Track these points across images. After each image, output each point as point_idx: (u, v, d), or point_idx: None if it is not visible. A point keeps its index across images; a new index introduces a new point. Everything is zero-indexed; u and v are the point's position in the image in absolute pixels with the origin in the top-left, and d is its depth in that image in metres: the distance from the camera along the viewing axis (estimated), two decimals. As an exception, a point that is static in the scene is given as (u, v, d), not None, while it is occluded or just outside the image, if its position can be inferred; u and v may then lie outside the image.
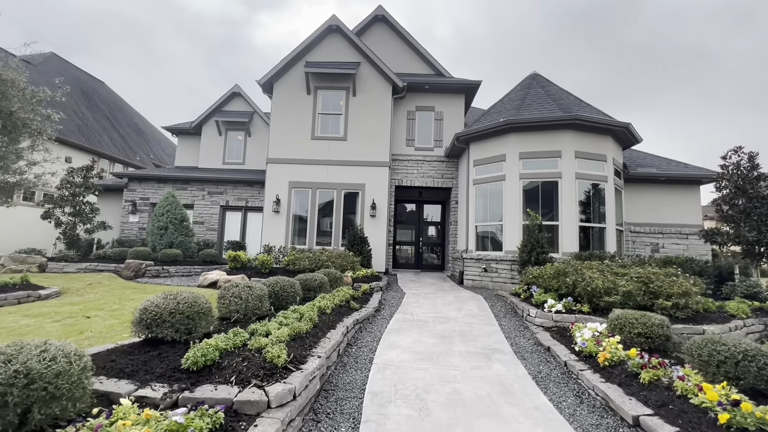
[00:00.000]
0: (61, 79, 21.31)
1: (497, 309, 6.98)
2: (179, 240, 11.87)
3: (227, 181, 14.73)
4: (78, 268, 10.56)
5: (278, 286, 5.32)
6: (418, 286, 9.59)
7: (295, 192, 12.53)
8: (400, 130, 13.32)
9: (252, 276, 8.64)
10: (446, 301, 7.62)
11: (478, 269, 10.13)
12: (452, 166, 13.06)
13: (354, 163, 12.47)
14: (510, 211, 9.70)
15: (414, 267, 14.09)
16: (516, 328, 5.68)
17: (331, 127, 12.86)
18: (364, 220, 12.20)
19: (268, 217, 12.44)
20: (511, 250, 9.45)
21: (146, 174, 15.05)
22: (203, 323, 3.46)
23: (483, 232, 10.56)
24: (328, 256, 9.04)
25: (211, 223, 14.63)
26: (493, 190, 10.29)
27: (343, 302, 6.10)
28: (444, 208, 14.32)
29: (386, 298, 7.71)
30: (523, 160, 9.79)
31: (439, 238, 14.39)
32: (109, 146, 20.89)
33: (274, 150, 12.72)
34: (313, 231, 12.27)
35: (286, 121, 12.80)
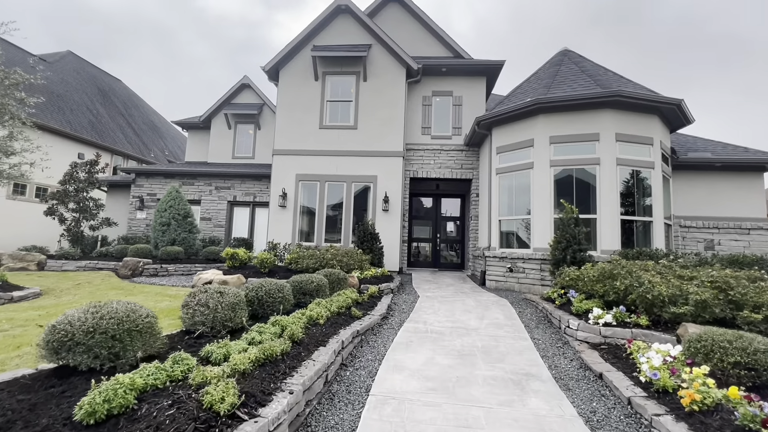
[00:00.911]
0: (76, 76, 21.44)
1: (527, 317, 5.90)
2: (182, 237, 11.28)
3: (235, 175, 14.10)
4: (77, 267, 10.10)
5: (262, 291, 4.45)
6: (434, 288, 8.58)
7: (302, 185, 11.72)
8: (415, 117, 12.27)
9: (250, 276, 7.86)
10: (466, 306, 6.59)
11: (502, 269, 9.02)
12: (472, 155, 11.93)
13: (365, 153, 11.54)
14: (539, 203, 8.53)
15: (431, 266, 13.06)
16: (553, 344, 4.61)
17: (340, 116, 11.96)
18: (375, 215, 11.26)
19: (274, 213, 11.68)
20: (541, 247, 8.30)
21: (153, 169, 14.61)
22: (139, 344, 2.60)
23: (508, 228, 9.42)
24: (333, 254, 8.16)
25: (219, 219, 14.05)
26: (520, 180, 9.13)
27: (343, 309, 5.18)
28: (463, 202, 13.21)
29: (397, 303, 6.75)
30: (554, 145, 8.59)
31: (458, 235, 13.29)
32: (122, 143, 20.77)
33: (280, 141, 11.94)
34: (321, 227, 11.43)
35: (292, 109, 11.99)
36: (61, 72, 20.18)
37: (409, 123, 12.18)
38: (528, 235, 8.81)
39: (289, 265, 8.32)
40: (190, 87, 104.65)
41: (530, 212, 8.71)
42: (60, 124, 16.84)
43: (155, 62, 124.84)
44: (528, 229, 8.82)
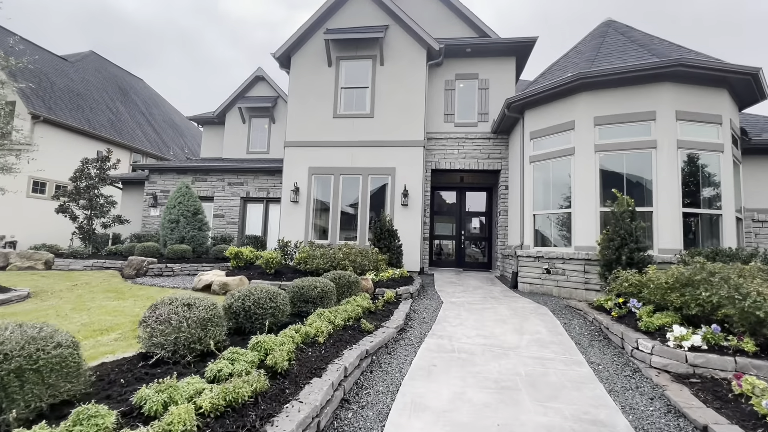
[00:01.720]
0: (97, 75, 21.57)
1: (576, 331, 4.84)
2: (191, 234, 10.75)
3: (247, 170, 13.53)
4: (84, 266, 9.73)
5: (250, 300, 3.63)
6: (459, 291, 7.59)
7: (315, 179, 10.95)
8: (437, 104, 11.25)
9: (255, 277, 7.13)
10: (499, 315, 5.58)
11: (537, 270, 7.91)
12: (501, 143, 10.79)
13: (382, 143, 10.63)
14: (582, 195, 7.37)
15: (454, 265, 12.03)
16: (619, 371, 3.56)
17: (355, 103, 11.09)
18: (394, 211, 10.34)
19: (285, 208, 10.98)
20: (585, 245, 7.16)
21: (166, 165, 14.25)
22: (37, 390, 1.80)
23: (543, 224, 8.29)
24: (346, 253, 7.30)
25: (232, 216, 13.53)
26: (557, 169, 7.98)
27: (352, 321, 4.31)
28: (490, 196, 12.08)
29: (417, 310, 5.82)
30: (599, 127, 7.39)
31: (484, 232, 12.19)
32: (141, 140, 20.74)
33: (292, 132, 11.21)
34: (335, 224, 10.62)
35: (304, 98, 11.23)
36: (82, 71, 20.32)
37: (430, 110, 11.17)
38: (568, 231, 7.66)
39: (297, 266, 7.54)
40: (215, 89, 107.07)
41: (571, 205, 7.56)
42: (79, 122, 16.83)
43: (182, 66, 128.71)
44: (568, 224, 7.68)
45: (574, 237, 7.41)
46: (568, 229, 7.68)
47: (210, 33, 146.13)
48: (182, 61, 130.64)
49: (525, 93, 8.31)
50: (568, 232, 7.65)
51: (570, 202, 7.63)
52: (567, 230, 7.71)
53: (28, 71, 16.13)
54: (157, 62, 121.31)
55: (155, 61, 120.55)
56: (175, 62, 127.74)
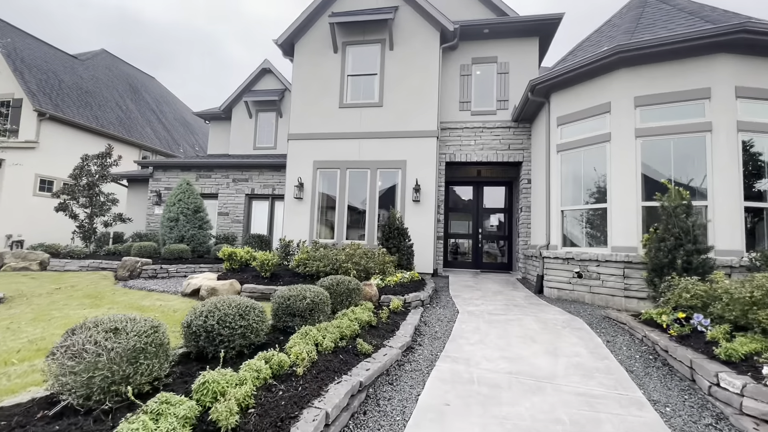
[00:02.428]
0: (107, 73, 21.46)
1: (623, 352, 3.92)
2: (191, 233, 10.20)
3: (252, 165, 12.93)
4: (80, 266, 9.28)
5: (214, 317, 2.88)
6: (477, 298, 6.71)
7: (320, 174, 10.22)
8: (452, 90, 10.34)
9: (248, 281, 6.44)
10: (526, 329, 4.70)
11: (566, 273, 6.96)
12: (523, 132, 9.81)
13: (392, 134, 9.80)
14: (620, 188, 6.38)
15: (471, 266, 11.12)
16: (696, 418, 2.66)
17: (363, 92, 10.30)
18: (405, 207, 9.52)
19: (289, 205, 10.29)
20: (624, 245, 6.18)
21: (170, 162, 13.80)
22: None
23: (573, 220, 7.32)
24: (349, 254, 6.52)
25: (236, 214, 12.96)
26: (590, 159, 7.00)
27: (346, 339, 3.52)
28: (510, 191, 11.11)
29: (428, 321, 5.00)
30: (640, 108, 6.38)
31: (503, 230, 11.22)
32: (151, 138, 20.51)
33: (296, 124, 10.51)
34: (342, 222, 9.87)
35: (309, 87, 10.50)
36: (92, 69, 20.20)
37: (444, 97, 10.28)
38: (603, 230, 6.68)
39: (296, 268, 6.81)
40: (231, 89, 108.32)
41: (607, 199, 6.57)
42: (87, 120, 16.61)
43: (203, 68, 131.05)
44: (602, 222, 6.69)
45: (611, 236, 6.43)
46: (602, 227, 6.70)
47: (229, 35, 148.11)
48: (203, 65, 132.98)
49: (552, 72, 7.34)
50: (603, 231, 6.66)
51: (605, 197, 6.64)
52: (601, 228, 6.72)
53: (35, 68, 16.01)
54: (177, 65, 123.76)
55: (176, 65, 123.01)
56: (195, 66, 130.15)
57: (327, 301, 4.01)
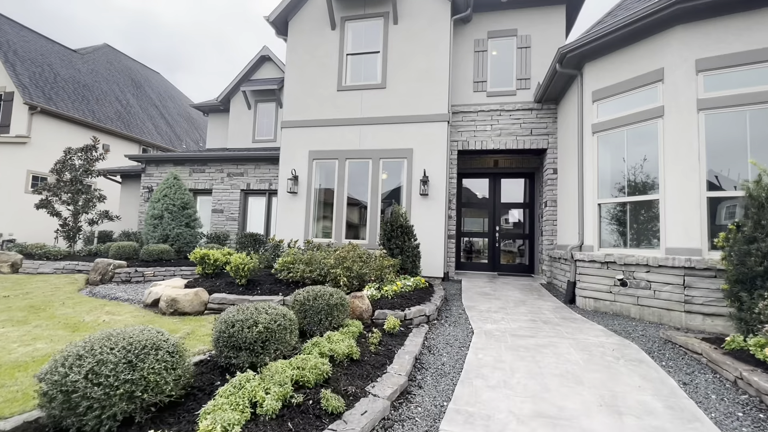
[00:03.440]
0: (108, 67, 20.89)
1: (716, 405, 2.70)
2: (176, 232, 9.28)
3: (248, 159, 11.96)
4: (55, 268, 8.45)
5: (82, 369, 1.80)
6: (496, 310, 5.52)
7: (317, 165, 9.15)
8: (465, 69, 9.11)
9: (219, 289, 5.40)
10: (565, 361, 3.50)
11: (605, 280, 5.70)
12: (548, 115, 8.51)
13: (396, 119, 8.64)
14: (676, 175, 5.09)
15: (487, 268, 9.89)
16: None
17: (364, 73, 9.16)
18: (411, 202, 8.36)
19: (283, 201, 9.27)
20: (682, 246, 4.90)
21: (162, 156, 12.97)
22: None
23: (614, 215, 6.03)
24: (340, 258, 5.40)
25: (231, 211, 12.03)
26: (635, 139, 5.70)
27: (307, 388, 2.41)
28: (532, 183, 9.81)
29: (433, 347, 3.85)
30: (704, 74, 5.05)
31: (524, 228, 9.93)
32: (151, 133, 19.85)
33: (290, 110, 9.46)
34: (340, 219, 8.78)
35: (304, 69, 9.43)
36: (92, 63, 19.64)
37: (455, 77, 9.06)
38: (654, 227, 5.39)
39: (278, 273, 5.74)
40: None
41: (659, 187, 5.27)
42: (82, 114, 15.97)
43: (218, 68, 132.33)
44: (653, 217, 5.41)
45: (665, 235, 5.13)
46: (653, 224, 5.41)
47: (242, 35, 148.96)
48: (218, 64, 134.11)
49: (588, 35, 6.04)
50: (654, 229, 5.37)
51: (656, 186, 5.35)
52: (652, 226, 5.43)
53: (29, 60, 15.43)
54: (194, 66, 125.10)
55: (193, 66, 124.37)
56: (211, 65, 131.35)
57: (290, 326, 2.91)
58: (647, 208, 5.51)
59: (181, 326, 4.26)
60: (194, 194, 12.52)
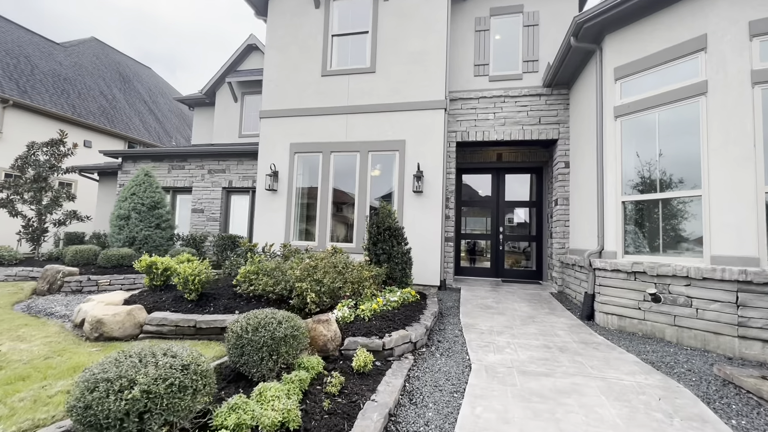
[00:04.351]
0: (94, 61, 20.04)
1: None
2: (144, 234, 8.36)
3: (230, 154, 11.04)
4: (6, 275, 7.56)
5: None
6: (501, 330, 4.54)
7: (299, 159, 8.20)
8: (464, 51, 8.12)
9: (164, 305, 4.46)
10: (595, 418, 2.53)
11: (633, 294, 4.71)
12: (558, 101, 7.51)
13: (387, 107, 7.68)
14: (724, 164, 4.09)
15: (490, 274, 8.90)
16: None
17: (351, 55, 8.20)
18: (403, 200, 7.40)
19: (261, 199, 8.33)
20: (733, 254, 3.91)
21: (140, 152, 12.07)
22: None
23: (643, 215, 5.03)
24: (307, 269, 4.42)
25: (212, 211, 11.11)
26: (671, 122, 4.70)
27: None
28: (540, 179, 8.80)
29: (416, 394, 2.88)
30: (760, 38, 4.05)
31: (530, 229, 8.93)
32: (138, 130, 18.98)
33: (270, 98, 8.51)
34: (324, 219, 7.83)
35: (285, 52, 8.48)
36: (76, 56, 18.79)
37: (454, 60, 8.08)
38: (694, 230, 4.40)
39: (238, 287, 4.78)
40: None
41: (702, 182, 4.27)
42: (60, 108, 15.10)
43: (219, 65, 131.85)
44: (693, 218, 4.41)
45: (710, 241, 4.14)
46: (693, 226, 4.41)
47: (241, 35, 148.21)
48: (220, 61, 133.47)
49: (609, 1, 5.03)
50: (695, 233, 4.38)
51: (697, 179, 4.35)
52: (692, 229, 4.44)
53: (2, 51, 14.58)
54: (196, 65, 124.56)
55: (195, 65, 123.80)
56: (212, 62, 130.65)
57: (194, 384, 1.95)
58: (686, 207, 4.51)
59: (90, 360, 3.33)
60: (173, 193, 11.64)
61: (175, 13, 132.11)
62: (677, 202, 4.59)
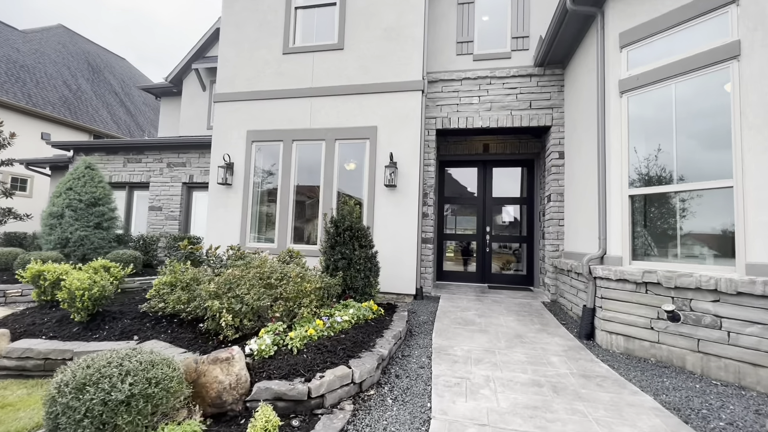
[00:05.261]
0: (60, 49, 18.75)
1: None
2: (79, 235, 7.27)
3: (191, 145, 9.98)
4: None
5: None
6: (479, 359, 3.59)
7: (257, 149, 7.18)
8: (445, 27, 7.17)
9: (42, 331, 3.43)
10: None
11: (644, 311, 3.78)
12: (551, 82, 6.58)
13: (357, 89, 6.69)
14: (763, 145, 3.17)
15: (476, 279, 7.96)
16: None
17: (317, 31, 7.19)
18: (374, 195, 6.42)
19: (214, 195, 7.28)
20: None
21: (92, 143, 10.96)
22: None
23: (656, 213, 4.10)
24: (225, 283, 3.40)
25: (171, 209, 10.03)
26: (691, 96, 3.78)
27: None
28: (531, 173, 7.87)
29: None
30: (810, -16, 3.13)
31: (520, 229, 8.00)
32: (106, 122, 17.75)
33: (225, 80, 7.47)
34: (285, 218, 6.82)
35: (243, 27, 7.44)
36: (37, 44, 17.50)
37: (433, 36, 7.13)
38: (723, 231, 3.48)
39: (150, 302, 3.76)
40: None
41: (734, 172, 3.35)
42: (13, 97, 13.86)
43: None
44: (722, 216, 3.50)
45: (745, 244, 3.22)
46: (721, 225, 3.50)
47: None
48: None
49: (615, -54, 4.10)
50: (724, 235, 3.46)
51: (726, 167, 3.44)
52: (719, 228, 3.52)
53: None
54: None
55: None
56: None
57: None
58: (712, 202, 3.59)
59: None
60: (129, 189, 10.54)
61: (170, 10, 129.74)
62: (699, 196, 3.67)
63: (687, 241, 3.75)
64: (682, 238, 3.78)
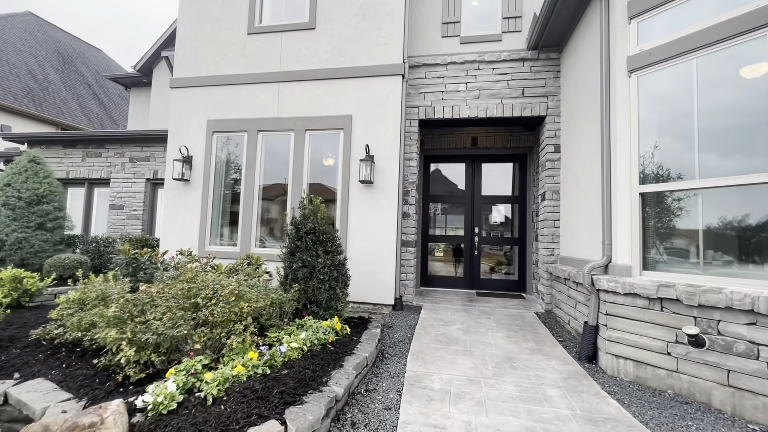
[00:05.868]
0: (27, 37, 17.62)
1: None
2: (17, 237, 6.43)
3: (156, 138, 9.15)
4: None
5: None
6: (460, 393, 2.90)
7: (219, 141, 6.40)
8: (430, 5, 6.46)
9: None
10: None
11: (659, 332, 3.13)
12: (546, 67, 5.91)
13: (330, 73, 5.95)
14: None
15: (463, 285, 7.29)
16: None
17: (286, 8, 6.44)
18: (348, 193, 5.69)
19: (170, 193, 6.49)
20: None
21: (47, 135, 10.04)
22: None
23: (672, 214, 3.45)
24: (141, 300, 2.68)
25: (134, 207, 9.19)
26: (717, 73, 3.12)
27: None
28: (524, 168, 7.21)
29: None
30: None
31: (512, 230, 7.35)
32: (75, 115, 16.72)
33: (183, 64, 6.67)
34: (249, 218, 6.06)
35: (204, 4, 6.65)
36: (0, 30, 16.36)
37: (417, 15, 6.42)
38: (759, 235, 2.84)
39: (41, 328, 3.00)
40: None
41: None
42: (-32, 87, 12.82)
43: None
44: (756, 216, 2.85)
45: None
46: (755, 229, 2.86)
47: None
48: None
49: None
50: (761, 242, 2.82)
51: (762, 158, 2.79)
52: (753, 233, 2.88)
53: None
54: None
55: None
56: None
57: None
58: (742, 201, 2.95)
59: None
60: (89, 185, 9.67)
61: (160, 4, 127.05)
62: (727, 194, 3.03)
63: (711, 249, 3.11)
64: (704, 245, 3.13)
